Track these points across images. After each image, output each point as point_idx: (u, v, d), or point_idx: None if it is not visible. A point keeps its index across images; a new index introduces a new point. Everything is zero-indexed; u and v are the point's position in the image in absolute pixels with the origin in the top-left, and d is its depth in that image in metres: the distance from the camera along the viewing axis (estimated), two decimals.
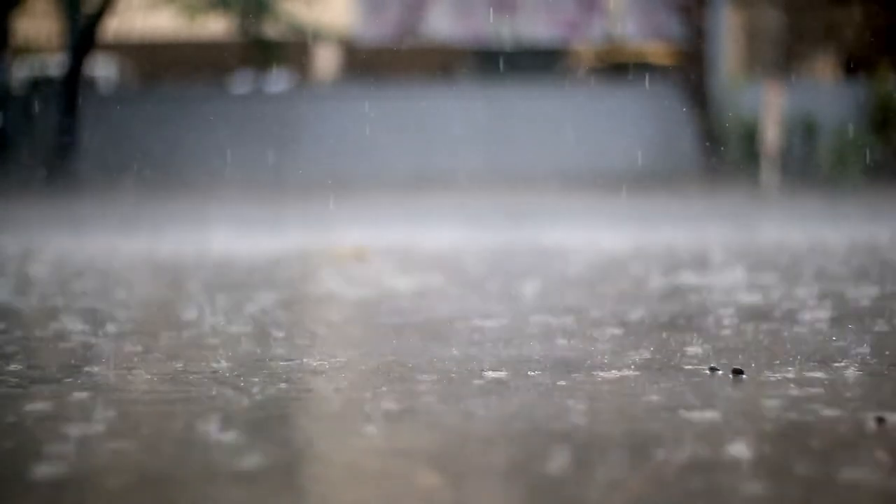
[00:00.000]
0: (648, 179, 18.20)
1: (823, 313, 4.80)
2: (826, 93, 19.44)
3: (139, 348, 4.08)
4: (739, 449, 2.62)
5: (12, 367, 3.70)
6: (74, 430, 2.86)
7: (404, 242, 8.96)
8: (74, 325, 4.61)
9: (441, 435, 2.77)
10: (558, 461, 2.54)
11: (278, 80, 22.96)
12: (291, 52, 24.30)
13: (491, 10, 20.46)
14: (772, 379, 3.41)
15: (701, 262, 7.15)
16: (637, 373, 3.52)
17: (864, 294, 5.44)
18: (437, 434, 2.78)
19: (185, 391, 3.29)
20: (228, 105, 19.65)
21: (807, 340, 4.12)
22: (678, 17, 19.45)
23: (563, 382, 3.38)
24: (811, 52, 23.36)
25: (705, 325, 4.50)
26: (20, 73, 20.71)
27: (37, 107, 18.71)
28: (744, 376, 3.45)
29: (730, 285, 5.87)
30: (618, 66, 21.88)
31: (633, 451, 2.62)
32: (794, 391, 3.24)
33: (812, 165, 18.37)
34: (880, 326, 4.45)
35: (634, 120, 19.22)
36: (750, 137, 17.98)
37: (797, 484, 2.36)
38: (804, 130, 18.53)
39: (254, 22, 23.06)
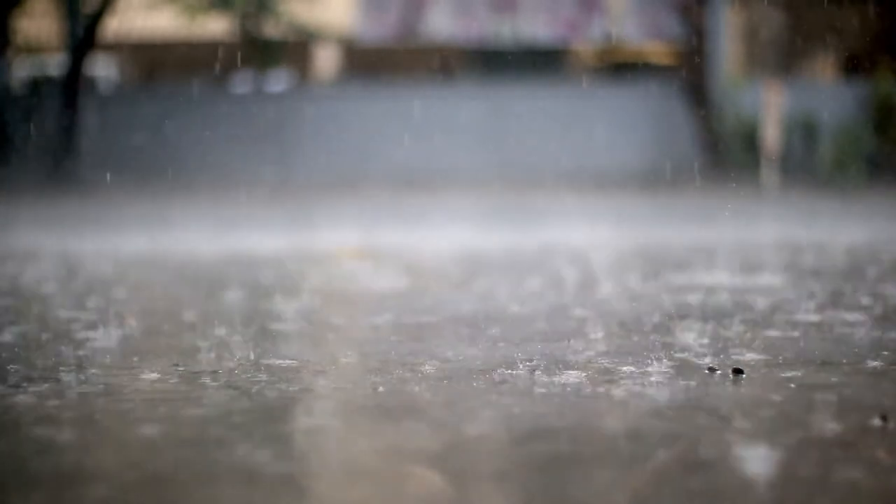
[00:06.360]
0: (648, 179, 18.20)
1: (823, 312, 4.80)
2: (826, 93, 19.45)
3: (139, 348, 4.08)
4: (739, 448, 2.62)
5: (11, 365, 3.71)
6: (74, 429, 2.86)
7: (404, 242, 8.96)
8: (74, 325, 4.61)
9: (441, 435, 2.77)
10: (559, 461, 2.54)
11: (278, 80, 22.96)
12: (291, 52, 24.31)
13: (491, 10, 20.46)
14: (772, 378, 3.42)
15: (700, 262, 7.15)
16: (638, 372, 3.52)
17: (864, 293, 5.44)
18: (437, 434, 2.78)
19: (185, 391, 3.29)
20: (228, 105, 19.65)
21: (807, 339, 4.12)
22: (678, 17, 19.45)
23: (563, 382, 3.38)
24: (811, 52, 23.36)
25: (705, 325, 4.50)
26: (20, 72, 20.71)
27: (37, 107, 18.71)
28: (743, 376, 3.46)
29: (730, 284, 5.87)
30: (618, 66, 21.88)
31: (634, 451, 2.62)
32: (794, 390, 3.24)
33: (812, 165, 18.38)
34: (880, 325, 4.46)
35: (634, 120, 19.22)
36: (750, 137, 17.98)
37: (798, 483, 2.36)
38: (804, 130, 18.54)
39: (254, 22, 23.07)
